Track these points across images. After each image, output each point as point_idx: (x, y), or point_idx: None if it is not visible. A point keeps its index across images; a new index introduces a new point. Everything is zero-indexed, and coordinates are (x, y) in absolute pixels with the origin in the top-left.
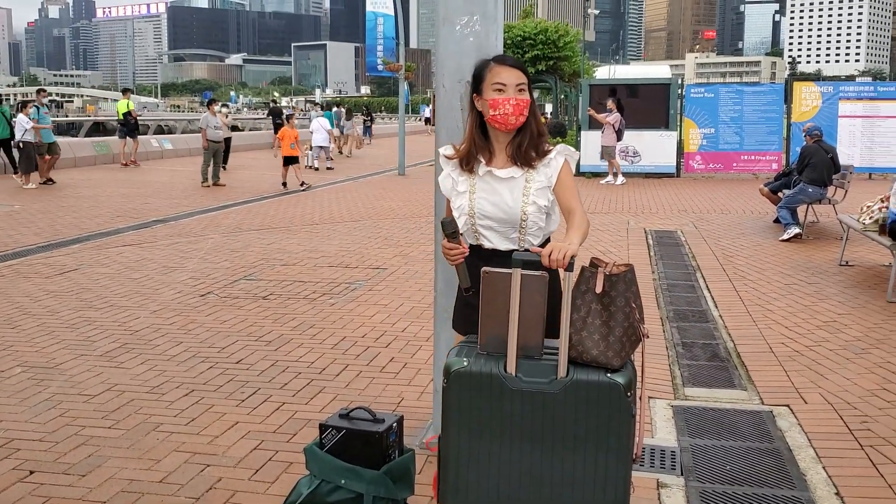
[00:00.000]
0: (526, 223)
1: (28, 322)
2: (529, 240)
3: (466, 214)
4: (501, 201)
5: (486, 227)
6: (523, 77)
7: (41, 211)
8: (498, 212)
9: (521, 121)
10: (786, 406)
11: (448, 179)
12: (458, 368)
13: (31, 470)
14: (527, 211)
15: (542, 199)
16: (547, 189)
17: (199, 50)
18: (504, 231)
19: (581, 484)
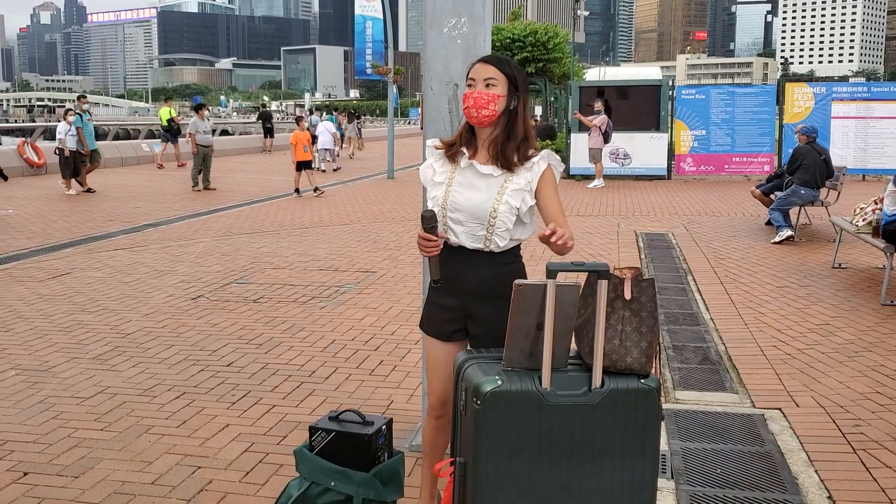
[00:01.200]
0: (495, 221)
1: (21, 325)
2: (496, 241)
3: (439, 206)
4: (475, 195)
5: (456, 220)
6: (494, 72)
7: (34, 215)
8: (470, 205)
9: (485, 115)
10: (778, 409)
11: (429, 170)
12: (493, 389)
13: (24, 471)
14: (497, 209)
15: (516, 200)
16: (524, 192)
17: (189, 54)
18: (472, 227)
19: (617, 491)
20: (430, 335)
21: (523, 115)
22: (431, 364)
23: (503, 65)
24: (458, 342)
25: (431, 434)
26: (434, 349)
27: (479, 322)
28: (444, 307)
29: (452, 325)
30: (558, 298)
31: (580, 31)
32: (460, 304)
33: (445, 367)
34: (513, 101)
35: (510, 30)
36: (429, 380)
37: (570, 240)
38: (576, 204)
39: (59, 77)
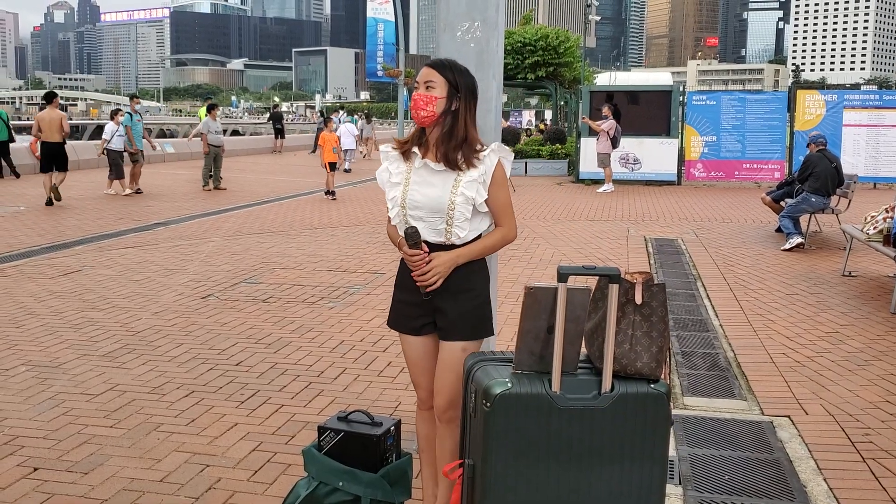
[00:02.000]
0: (453, 213)
1: (32, 322)
2: (456, 232)
3: (399, 205)
4: (431, 191)
5: (416, 217)
6: (434, 75)
7: (45, 213)
8: (428, 201)
9: (423, 116)
10: (786, 417)
11: (385, 173)
12: (503, 391)
13: (35, 467)
14: (454, 201)
15: (471, 191)
16: (478, 184)
17: (201, 55)
18: (432, 221)
19: (625, 495)
20: (401, 332)
21: (465, 117)
22: (410, 359)
23: (443, 69)
24: (429, 335)
25: (425, 427)
26: (408, 345)
27: (445, 314)
28: (410, 303)
29: (421, 320)
30: (569, 302)
31: (591, 35)
32: (428, 299)
33: (424, 360)
34: (453, 103)
35: (521, 34)
36: (412, 376)
37: (430, 280)
38: (585, 208)
39: (72, 75)
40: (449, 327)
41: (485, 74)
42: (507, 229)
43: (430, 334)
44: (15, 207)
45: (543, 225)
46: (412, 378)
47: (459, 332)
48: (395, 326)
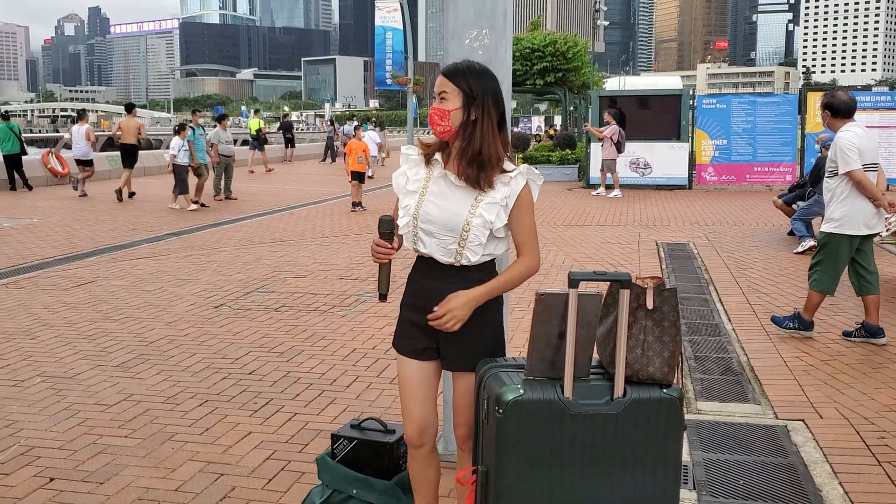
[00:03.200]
0: (468, 235)
1: (46, 333)
2: (467, 255)
3: (411, 215)
4: (448, 207)
5: (427, 232)
6: (446, 84)
7: (59, 224)
8: (442, 216)
9: (440, 131)
10: (801, 421)
11: (402, 177)
12: (516, 397)
13: (51, 477)
14: (471, 222)
15: (490, 214)
16: (499, 207)
17: (210, 65)
18: (443, 240)
19: (639, 501)
20: (402, 354)
21: (483, 129)
22: (405, 385)
23: (456, 76)
24: (431, 361)
25: (417, 466)
26: (406, 368)
27: (449, 341)
28: (415, 324)
29: (424, 343)
30: (580, 307)
31: (600, 40)
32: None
33: (420, 388)
34: (471, 112)
35: (529, 40)
36: (403, 405)
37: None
38: (596, 213)
39: (83, 87)
40: (458, 357)
41: None
42: (530, 259)
43: (432, 360)
44: (28, 220)
45: (554, 231)
46: (403, 408)
47: (468, 361)
48: (397, 347)
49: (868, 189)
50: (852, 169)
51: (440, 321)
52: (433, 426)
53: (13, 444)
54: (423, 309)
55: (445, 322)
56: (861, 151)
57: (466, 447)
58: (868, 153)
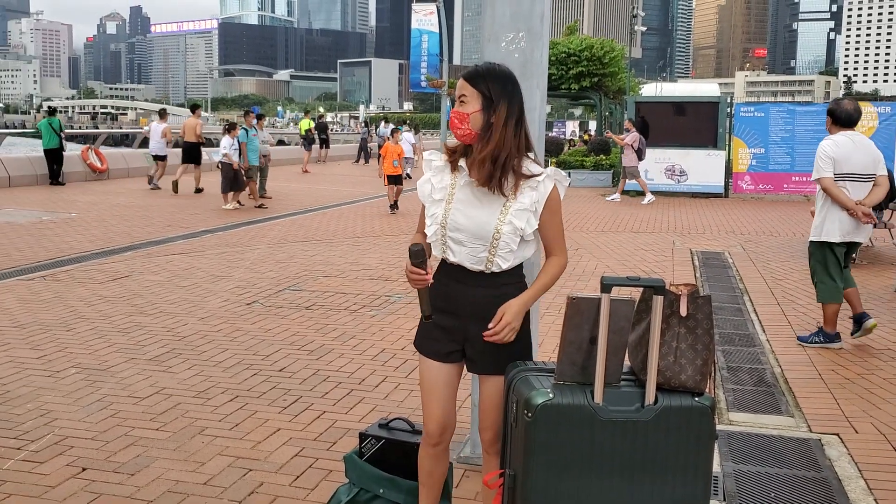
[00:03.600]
0: (498, 243)
1: (82, 326)
2: (498, 262)
3: (439, 224)
4: (477, 215)
5: (456, 240)
6: (466, 88)
7: (96, 219)
8: (471, 225)
9: (461, 135)
10: (835, 435)
11: (427, 185)
12: (545, 402)
13: (83, 467)
14: (501, 230)
15: (521, 220)
16: (529, 213)
17: (248, 65)
18: (473, 248)
19: None
20: (425, 356)
21: (503, 134)
22: (428, 386)
23: (476, 79)
24: (455, 364)
25: (429, 463)
26: (430, 370)
27: (476, 345)
28: (441, 327)
29: (450, 346)
30: (612, 313)
31: (637, 46)
32: (459, 325)
33: (443, 390)
34: (491, 116)
35: (566, 44)
36: (425, 404)
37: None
38: (630, 220)
39: (123, 85)
40: (480, 360)
41: (529, 84)
42: (561, 258)
43: (457, 363)
44: (67, 214)
45: (587, 237)
46: (424, 406)
47: (495, 365)
48: (419, 347)
49: (837, 197)
50: (821, 177)
51: (500, 336)
52: (453, 425)
53: (48, 433)
54: (451, 313)
55: (504, 335)
56: (836, 161)
57: (493, 450)
58: (850, 163)
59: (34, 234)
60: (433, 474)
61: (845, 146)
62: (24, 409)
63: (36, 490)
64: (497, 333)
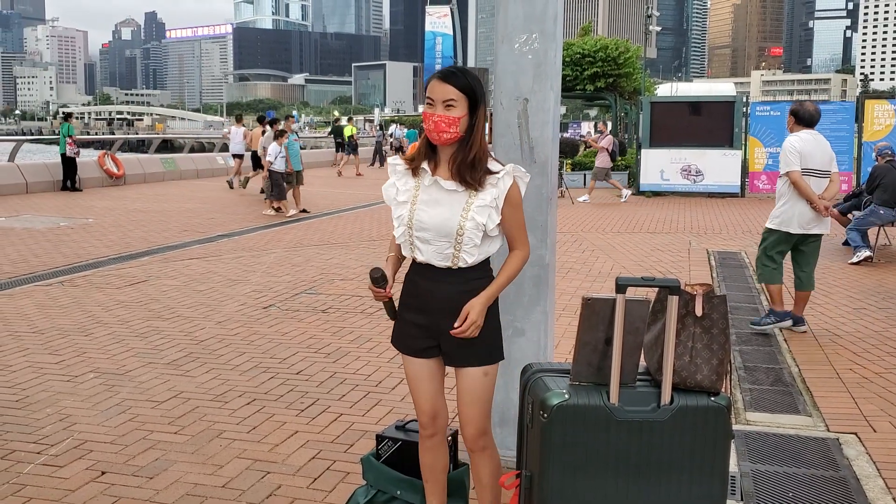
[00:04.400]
0: (462, 238)
1: (100, 330)
2: (464, 258)
3: (405, 225)
4: (440, 213)
5: (423, 239)
6: (453, 92)
7: (113, 224)
8: (435, 223)
9: (446, 138)
10: (853, 434)
11: (391, 188)
12: (561, 402)
13: (102, 471)
14: (464, 226)
15: (482, 216)
16: (491, 209)
17: (263, 70)
18: (439, 246)
19: None
20: (404, 353)
21: (481, 133)
22: (413, 382)
23: (462, 82)
24: (433, 358)
25: (429, 456)
26: (412, 366)
27: (450, 339)
28: (415, 324)
29: (425, 342)
30: (627, 313)
31: (652, 46)
32: (432, 321)
33: (428, 382)
34: (474, 118)
35: (580, 45)
36: (413, 398)
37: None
38: (646, 220)
39: (138, 91)
40: (460, 354)
41: (542, 86)
42: (523, 251)
43: (435, 357)
44: (84, 220)
45: (602, 237)
46: (414, 400)
47: (476, 358)
48: (397, 345)
49: (803, 190)
50: (790, 170)
51: (466, 334)
52: (444, 415)
53: (67, 437)
54: (423, 310)
55: (469, 332)
56: (803, 156)
57: (478, 447)
58: (813, 159)
59: (52, 240)
60: (434, 468)
61: (809, 143)
62: (43, 413)
63: (55, 494)
64: (464, 331)
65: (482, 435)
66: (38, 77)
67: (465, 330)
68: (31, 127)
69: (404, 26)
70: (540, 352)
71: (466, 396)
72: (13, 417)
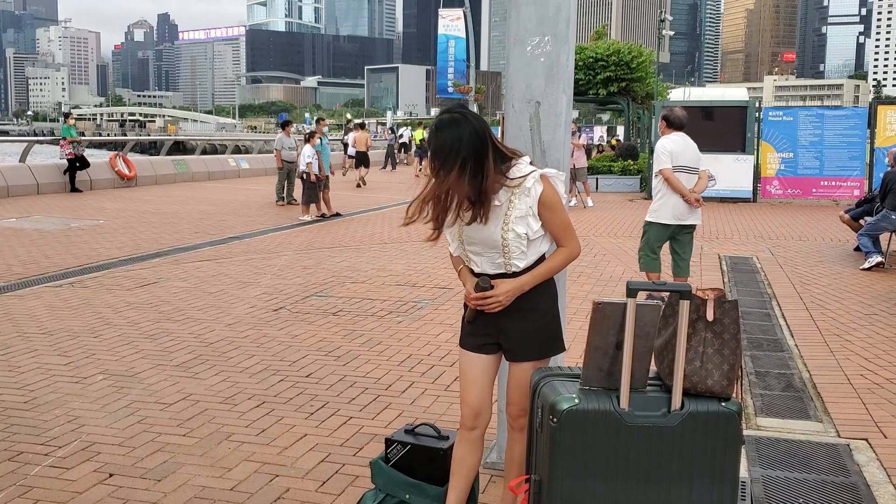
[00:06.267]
0: (508, 249)
1: (110, 332)
2: (515, 263)
3: (457, 240)
4: (484, 228)
5: (475, 252)
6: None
7: (124, 226)
8: (480, 237)
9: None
10: (864, 440)
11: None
12: (570, 407)
13: (110, 473)
14: (506, 238)
15: (521, 227)
16: (528, 218)
17: (275, 72)
18: (490, 256)
19: None
20: (464, 348)
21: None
22: (464, 374)
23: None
24: (491, 354)
25: (463, 449)
26: (466, 359)
27: (509, 335)
28: (479, 324)
29: (485, 339)
30: (638, 318)
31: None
32: (492, 320)
33: (478, 377)
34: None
35: (593, 49)
36: (462, 391)
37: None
38: None
39: (151, 92)
40: (515, 349)
41: (554, 88)
42: (569, 249)
43: (493, 353)
44: (94, 221)
45: (614, 242)
46: (462, 393)
47: (528, 352)
48: (460, 344)
49: (675, 186)
50: (662, 168)
51: (484, 302)
52: (487, 413)
53: (75, 439)
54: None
55: (488, 304)
56: (674, 155)
57: (518, 425)
58: (683, 157)
59: (62, 241)
60: (465, 462)
61: (679, 144)
62: (51, 415)
63: (63, 496)
64: (482, 299)
65: (524, 415)
66: (50, 78)
67: (484, 299)
68: (42, 128)
69: (417, 29)
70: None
71: (514, 382)
72: (21, 419)
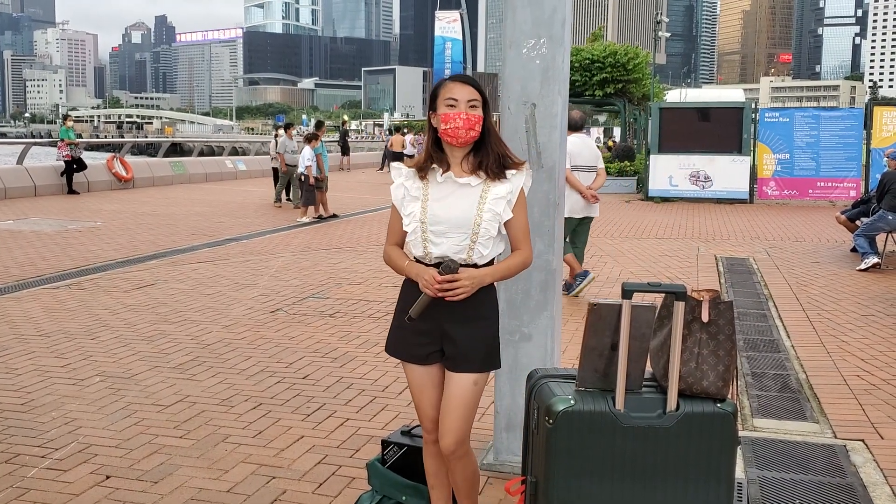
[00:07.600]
0: (479, 229)
1: (106, 334)
2: (479, 250)
3: (418, 221)
4: (456, 206)
5: (438, 233)
6: (475, 94)
7: (121, 228)
8: (451, 215)
9: (472, 136)
10: (860, 441)
11: (400, 189)
12: (566, 408)
13: (107, 475)
14: (482, 216)
15: (499, 207)
16: (505, 201)
17: (272, 74)
18: (455, 238)
19: None
20: (406, 361)
21: (494, 130)
22: (416, 390)
23: (479, 86)
24: (436, 364)
25: (433, 462)
26: (413, 374)
27: (455, 343)
28: (418, 331)
29: (428, 348)
30: (633, 319)
31: (661, 52)
32: (436, 326)
33: (431, 389)
34: (486, 120)
35: (589, 51)
36: (417, 406)
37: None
38: (653, 227)
39: (148, 94)
40: (459, 357)
41: (550, 90)
42: (525, 253)
43: (437, 363)
44: (92, 223)
45: (611, 243)
46: (417, 405)
47: (471, 362)
48: (395, 354)
49: (573, 184)
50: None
51: (451, 286)
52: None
53: (72, 441)
54: (430, 316)
55: (454, 289)
56: (572, 155)
57: (454, 457)
58: (581, 157)
59: (59, 243)
60: (439, 474)
61: (577, 145)
62: (48, 417)
63: (60, 498)
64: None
65: (462, 444)
66: (47, 80)
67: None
68: (40, 130)
69: (414, 31)
70: (546, 357)
71: (452, 402)
72: (18, 421)
